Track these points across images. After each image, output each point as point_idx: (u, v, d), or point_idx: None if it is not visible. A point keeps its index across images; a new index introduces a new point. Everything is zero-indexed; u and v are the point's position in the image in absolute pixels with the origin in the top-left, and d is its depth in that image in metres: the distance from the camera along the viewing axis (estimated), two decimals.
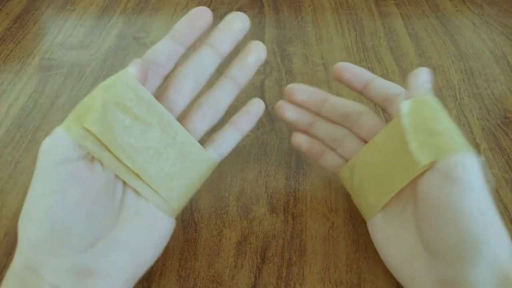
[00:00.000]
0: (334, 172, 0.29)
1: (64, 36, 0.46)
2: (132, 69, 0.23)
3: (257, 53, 0.27)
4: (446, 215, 0.21)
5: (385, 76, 0.40)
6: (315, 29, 0.46)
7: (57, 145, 0.21)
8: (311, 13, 0.49)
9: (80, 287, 0.21)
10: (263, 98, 0.38)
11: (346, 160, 0.28)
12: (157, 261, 0.27)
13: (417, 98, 0.24)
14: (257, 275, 0.26)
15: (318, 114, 0.29)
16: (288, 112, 0.29)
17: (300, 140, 0.30)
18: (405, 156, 0.23)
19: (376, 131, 0.27)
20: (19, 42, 0.45)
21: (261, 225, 0.29)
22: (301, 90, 0.29)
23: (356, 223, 0.29)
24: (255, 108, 0.28)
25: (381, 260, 0.27)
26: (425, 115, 0.24)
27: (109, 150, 0.22)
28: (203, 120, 0.26)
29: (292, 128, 0.30)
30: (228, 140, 0.27)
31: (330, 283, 0.26)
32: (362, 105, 0.28)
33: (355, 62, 0.42)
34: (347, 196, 0.30)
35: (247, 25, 0.26)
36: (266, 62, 0.42)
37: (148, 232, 0.24)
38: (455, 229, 0.21)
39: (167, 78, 0.26)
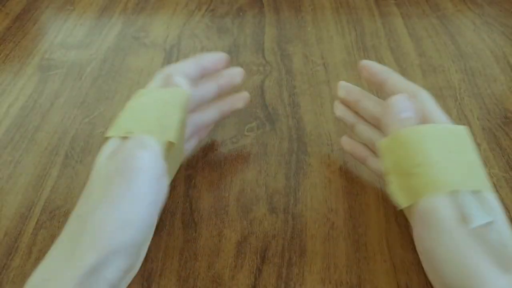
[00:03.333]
0: (379, 175, 0.29)
1: (63, 36, 0.46)
2: (189, 90, 0.27)
3: (244, 102, 0.33)
4: (428, 260, 0.22)
5: None
6: (315, 29, 0.46)
7: (157, 161, 0.24)
8: (311, 13, 0.49)
9: (125, 278, 0.23)
10: (263, 97, 0.38)
11: None
12: (157, 262, 0.27)
13: (392, 135, 0.24)
14: (257, 275, 0.26)
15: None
16: (336, 109, 0.31)
17: (344, 143, 0.32)
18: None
19: None
20: (18, 42, 0.45)
21: (261, 225, 0.29)
22: (343, 87, 0.30)
23: (356, 223, 0.29)
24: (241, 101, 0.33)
25: (381, 260, 0.27)
26: (400, 153, 0.23)
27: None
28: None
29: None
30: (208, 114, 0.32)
31: (330, 283, 0.26)
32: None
33: (355, 62, 0.42)
34: (347, 196, 0.30)
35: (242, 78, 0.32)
36: (266, 62, 0.42)
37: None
38: (439, 277, 0.21)
39: None
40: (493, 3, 0.50)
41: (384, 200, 0.30)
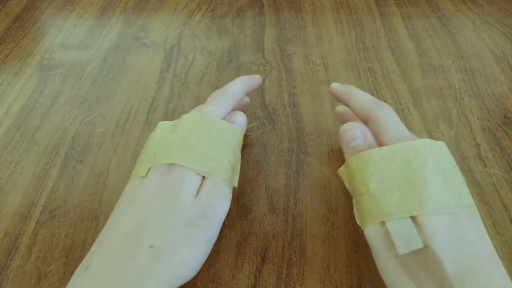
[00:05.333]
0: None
1: (63, 36, 0.46)
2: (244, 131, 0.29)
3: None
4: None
5: (386, 76, 0.40)
6: (315, 29, 0.46)
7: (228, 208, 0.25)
8: (311, 13, 0.49)
9: None
10: (263, 98, 0.38)
11: None
12: None
13: (345, 163, 0.25)
14: (257, 275, 0.26)
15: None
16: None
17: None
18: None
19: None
20: (18, 42, 0.45)
21: (261, 225, 0.29)
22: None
23: (356, 223, 0.29)
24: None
25: None
26: (350, 181, 0.24)
27: None
28: None
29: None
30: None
31: (330, 283, 0.26)
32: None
33: (355, 62, 0.42)
34: (347, 196, 0.30)
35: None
36: (266, 62, 0.42)
37: None
38: None
39: None
40: (493, 3, 0.50)
41: None
